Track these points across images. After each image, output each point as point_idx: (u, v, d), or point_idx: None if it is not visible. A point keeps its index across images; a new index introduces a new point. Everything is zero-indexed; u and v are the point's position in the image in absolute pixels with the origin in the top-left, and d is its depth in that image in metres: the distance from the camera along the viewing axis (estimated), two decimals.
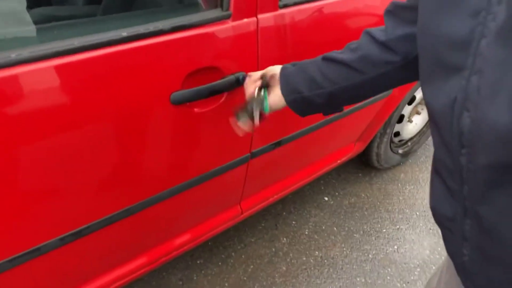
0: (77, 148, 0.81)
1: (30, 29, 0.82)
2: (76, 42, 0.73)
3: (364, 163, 2.10)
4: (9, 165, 0.75)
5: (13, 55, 0.67)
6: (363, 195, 2.00)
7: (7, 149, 0.72)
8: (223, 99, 0.98)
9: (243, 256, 1.65)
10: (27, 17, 0.86)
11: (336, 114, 1.39)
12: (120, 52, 0.77)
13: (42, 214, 0.86)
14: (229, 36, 0.91)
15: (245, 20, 0.93)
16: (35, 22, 0.79)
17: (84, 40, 0.74)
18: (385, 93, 1.55)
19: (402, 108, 1.79)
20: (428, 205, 2.18)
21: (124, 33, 0.77)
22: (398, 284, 1.58)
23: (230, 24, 0.91)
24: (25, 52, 0.69)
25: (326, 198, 1.96)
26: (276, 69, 0.87)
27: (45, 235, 0.89)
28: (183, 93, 0.89)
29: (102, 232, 0.99)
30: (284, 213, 1.86)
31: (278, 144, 1.27)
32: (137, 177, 0.98)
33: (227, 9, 0.90)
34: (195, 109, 0.95)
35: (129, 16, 0.88)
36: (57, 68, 0.72)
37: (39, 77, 0.71)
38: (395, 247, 1.74)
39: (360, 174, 2.12)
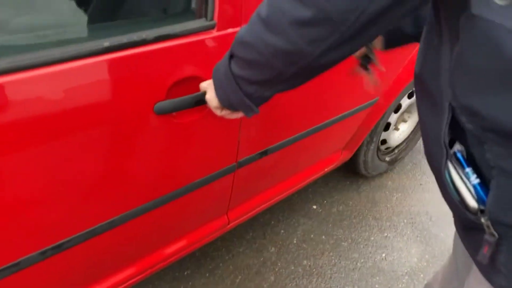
0: (58, 159, 0.80)
1: (11, 39, 0.80)
2: (57, 52, 0.72)
3: (351, 171, 2.11)
4: None
5: None
6: (351, 203, 2.00)
7: None
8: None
9: (231, 267, 1.63)
10: (10, 25, 0.85)
11: (322, 123, 1.40)
12: (102, 62, 0.76)
13: (22, 227, 0.83)
14: (214, 46, 0.91)
15: (230, 30, 0.92)
16: (18, 31, 0.78)
17: (65, 50, 0.73)
18: (371, 101, 1.56)
19: (389, 116, 1.81)
20: (415, 212, 2.16)
21: (106, 43, 0.76)
22: None
23: (214, 34, 0.90)
24: (3, 63, 0.67)
25: (314, 207, 1.96)
26: None
27: (24, 249, 0.86)
28: (167, 103, 0.89)
29: (85, 245, 0.96)
30: (273, 222, 1.85)
31: (265, 153, 1.26)
32: (122, 188, 0.96)
33: (212, 19, 0.90)
34: (180, 119, 0.94)
35: (111, 26, 0.88)
36: (37, 78, 0.70)
37: (19, 87, 0.69)
38: (383, 255, 1.74)
39: (347, 182, 2.13)
